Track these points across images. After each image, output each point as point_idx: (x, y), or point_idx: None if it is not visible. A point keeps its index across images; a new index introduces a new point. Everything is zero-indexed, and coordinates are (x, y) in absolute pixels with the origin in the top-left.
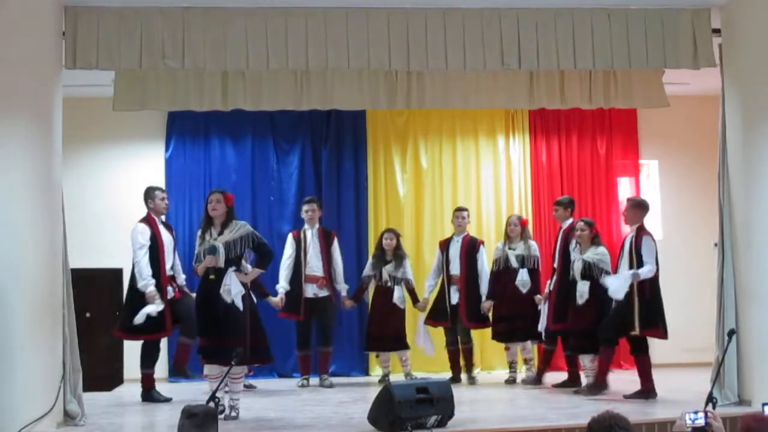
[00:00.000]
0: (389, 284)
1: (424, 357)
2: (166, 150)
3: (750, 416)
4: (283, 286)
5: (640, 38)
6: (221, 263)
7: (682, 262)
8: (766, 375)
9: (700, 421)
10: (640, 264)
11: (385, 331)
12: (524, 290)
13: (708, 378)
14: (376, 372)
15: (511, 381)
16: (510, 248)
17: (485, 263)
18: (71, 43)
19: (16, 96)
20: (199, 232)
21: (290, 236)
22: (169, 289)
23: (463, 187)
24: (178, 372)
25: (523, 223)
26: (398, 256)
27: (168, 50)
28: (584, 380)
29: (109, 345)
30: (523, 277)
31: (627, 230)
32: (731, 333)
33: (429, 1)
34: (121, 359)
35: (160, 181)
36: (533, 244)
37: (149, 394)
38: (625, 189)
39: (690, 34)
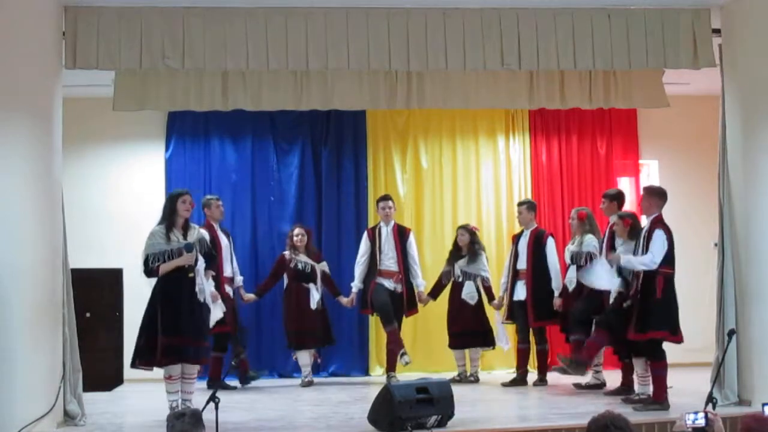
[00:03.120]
0: (461, 279)
1: (423, 357)
2: (166, 150)
3: (750, 416)
4: (357, 285)
5: (640, 38)
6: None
7: (682, 262)
8: (766, 375)
9: (700, 422)
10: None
11: (459, 328)
12: (570, 288)
13: (708, 378)
14: (376, 372)
15: (597, 385)
16: (571, 243)
17: (555, 256)
18: (71, 43)
19: (16, 96)
20: (159, 230)
21: (365, 234)
22: (228, 288)
23: (463, 187)
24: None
25: (580, 216)
26: (473, 251)
27: (168, 50)
28: (637, 387)
29: (109, 345)
30: (570, 275)
31: None
32: (731, 333)
33: (429, 1)
34: (121, 359)
35: (160, 181)
36: (588, 239)
37: (217, 382)
38: (625, 189)
39: (690, 34)
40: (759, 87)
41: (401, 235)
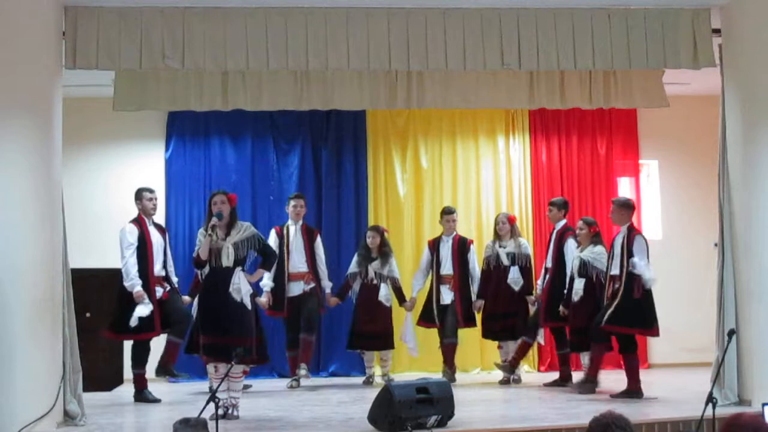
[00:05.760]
0: (375, 282)
1: (423, 357)
2: (166, 150)
3: (732, 417)
4: (267, 284)
5: (640, 38)
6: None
7: (682, 262)
8: (766, 375)
9: None
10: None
11: (371, 330)
12: (516, 288)
13: (708, 378)
14: (376, 372)
15: (505, 381)
16: (501, 246)
17: (476, 263)
18: (71, 43)
19: (16, 96)
20: (202, 231)
21: (273, 232)
22: (158, 289)
23: (463, 187)
24: (163, 371)
25: (510, 221)
26: (384, 253)
27: (168, 50)
28: (577, 378)
29: (109, 345)
30: (514, 275)
31: None
32: (731, 333)
33: (429, 1)
34: (121, 359)
35: (160, 181)
36: (523, 241)
37: (141, 395)
38: (625, 189)
39: (690, 34)
40: (759, 87)
41: (310, 235)
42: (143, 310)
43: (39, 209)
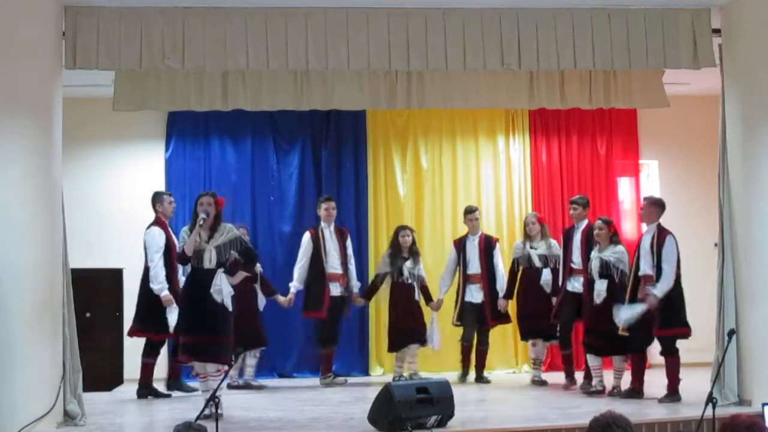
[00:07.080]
0: (410, 281)
1: (423, 357)
2: (166, 150)
3: (730, 418)
4: (296, 285)
5: (640, 38)
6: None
7: (682, 262)
8: (766, 375)
9: None
10: (659, 263)
11: (411, 328)
12: (548, 289)
13: (708, 378)
14: (376, 372)
15: (538, 380)
16: (532, 247)
17: (500, 261)
18: (71, 43)
19: (16, 96)
20: (185, 229)
21: (307, 235)
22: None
23: (463, 187)
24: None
25: (540, 221)
26: (414, 252)
27: (168, 50)
28: (579, 380)
29: (109, 345)
30: (546, 277)
31: (626, 229)
32: (731, 333)
33: (429, 1)
34: (121, 359)
35: (160, 181)
36: (553, 242)
37: (144, 390)
38: (625, 189)
39: (690, 34)
40: (759, 87)
41: (342, 236)
42: (174, 315)
43: (39, 209)
